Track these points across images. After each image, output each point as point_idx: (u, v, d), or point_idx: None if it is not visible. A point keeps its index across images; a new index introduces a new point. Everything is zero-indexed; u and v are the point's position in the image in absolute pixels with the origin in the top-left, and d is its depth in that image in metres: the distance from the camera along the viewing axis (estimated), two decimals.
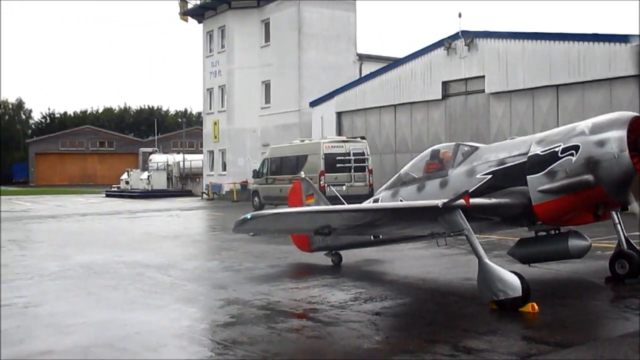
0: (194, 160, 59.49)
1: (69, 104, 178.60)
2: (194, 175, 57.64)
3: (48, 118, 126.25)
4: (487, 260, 9.25)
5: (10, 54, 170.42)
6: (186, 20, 52.91)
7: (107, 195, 56.77)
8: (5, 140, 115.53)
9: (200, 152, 59.05)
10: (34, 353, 7.68)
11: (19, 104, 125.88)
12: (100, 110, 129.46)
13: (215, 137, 51.23)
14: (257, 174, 34.98)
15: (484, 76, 31.74)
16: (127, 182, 58.55)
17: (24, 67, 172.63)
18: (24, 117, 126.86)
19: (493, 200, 10.13)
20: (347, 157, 30.01)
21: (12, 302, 10.76)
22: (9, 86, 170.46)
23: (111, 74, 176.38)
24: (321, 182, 28.97)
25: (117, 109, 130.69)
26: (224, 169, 50.52)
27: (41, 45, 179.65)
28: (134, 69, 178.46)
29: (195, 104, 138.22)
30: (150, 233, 23.06)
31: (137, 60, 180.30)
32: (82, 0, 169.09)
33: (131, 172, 59.47)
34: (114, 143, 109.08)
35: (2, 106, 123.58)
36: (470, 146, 11.44)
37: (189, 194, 54.98)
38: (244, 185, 46.03)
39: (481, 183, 10.66)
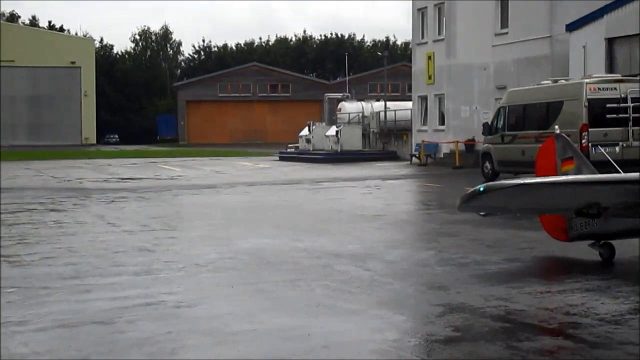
0: (400, 109, 59.94)
1: (230, 34, 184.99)
2: (399, 132, 58.15)
3: (202, 53, 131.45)
4: None
5: None
6: None
7: (282, 159, 58.33)
8: (148, 84, 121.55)
9: (408, 98, 59.37)
10: None
11: (165, 34, 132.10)
12: (271, 42, 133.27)
13: (430, 78, 51.28)
14: (489, 130, 34.90)
15: None
16: (307, 141, 60.12)
17: None
18: (170, 51, 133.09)
19: None
20: (622, 105, 29.11)
21: (161, 299, 11.24)
22: (152, 11, 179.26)
23: None
24: (583, 141, 28.32)
25: (293, 39, 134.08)
26: (442, 122, 50.59)
27: None
28: None
29: (400, 32, 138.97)
30: (340, 210, 23.46)
31: None
32: None
33: (313, 127, 60.83)
34: (290, 87, 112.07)
35: (143, 37, 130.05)
36: None
37: (392, 156, 55.61)
38: (470, 145, 45.97)
39: None
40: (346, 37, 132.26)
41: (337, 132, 57.60)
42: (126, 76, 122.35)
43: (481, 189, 9.03)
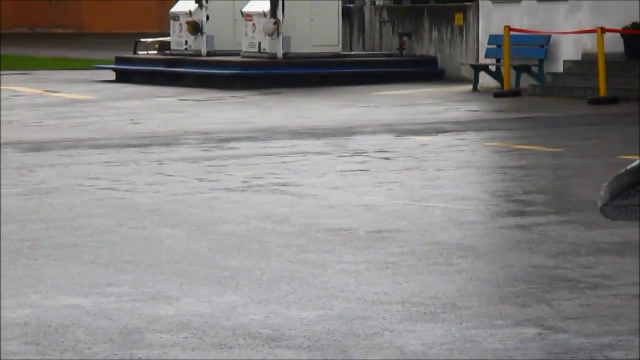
0: None
1: None
2: (441, 4, 50.00)
3: None
4: None
5: None
6: None
7: (123, 76, 50.16)
8: None
9: None
10: None
11: None
12: None
13: None
14: None
15: None
16: (194, 28, 50.25)
17: None
18: None
19: None
20: None
21: None
22: None
23: None
24: None
25: None
26: None
27: None
28: None
29: None
30: (283, 220, 18.77)
31: None
32: None
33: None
34: None
35: None
36: None
37: (426, 71, 46.93)
38: (637, 37, 38.45)
39: None
40: None
41: (273, 4, 47.65)
42: None
43: None
